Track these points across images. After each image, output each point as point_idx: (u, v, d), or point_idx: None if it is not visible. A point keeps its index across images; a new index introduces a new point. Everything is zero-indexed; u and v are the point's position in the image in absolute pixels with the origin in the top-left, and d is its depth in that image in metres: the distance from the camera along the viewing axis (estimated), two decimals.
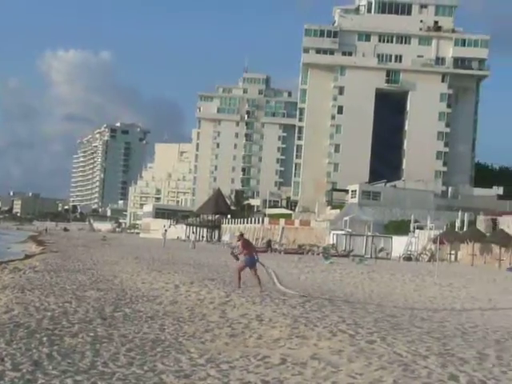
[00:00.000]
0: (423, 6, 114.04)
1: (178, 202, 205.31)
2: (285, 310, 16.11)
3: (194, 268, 32.37)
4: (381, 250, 62.98)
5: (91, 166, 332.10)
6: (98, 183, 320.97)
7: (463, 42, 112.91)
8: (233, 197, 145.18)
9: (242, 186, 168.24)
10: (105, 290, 20.59)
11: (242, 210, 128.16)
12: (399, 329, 14.07)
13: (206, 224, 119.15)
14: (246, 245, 21.90)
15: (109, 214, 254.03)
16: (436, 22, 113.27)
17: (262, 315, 15.32)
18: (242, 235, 22.46)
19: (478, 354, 11.49)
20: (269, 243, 71.81)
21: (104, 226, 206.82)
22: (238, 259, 22.23)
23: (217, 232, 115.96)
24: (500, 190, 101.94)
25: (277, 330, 13.54)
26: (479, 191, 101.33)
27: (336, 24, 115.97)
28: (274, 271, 25.13)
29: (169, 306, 17.25)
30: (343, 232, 72.66)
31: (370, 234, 69.17)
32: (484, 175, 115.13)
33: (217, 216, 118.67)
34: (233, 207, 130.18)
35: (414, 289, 25.84)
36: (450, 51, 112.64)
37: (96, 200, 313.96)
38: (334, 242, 70.45)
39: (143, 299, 18.57)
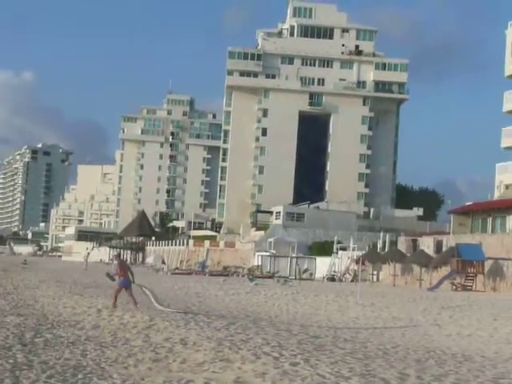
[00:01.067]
0: (345, 31, 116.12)
1: (101, 224, 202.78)
2: (209, 333, 16.06)
3: None
4: (305, 271, 63.40)
5: (11, 188, 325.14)
6: (18, 205, 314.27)
7: (383, 66, 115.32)
8: (157, 219, 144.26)
9: (167, 208, 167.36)
10: (25, 315, 20.14)
11: (166, 232, 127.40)
12: (322, 350, 14.19)
13: (130, 246, 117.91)
14: (122, 266, 21.94)
15: (30, 236, 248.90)
16: (357, 47, 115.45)
17: (187, 339, 15.23)
18: (118, 256, 22.53)
19: (399, 374, 11.66)
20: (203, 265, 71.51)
21: (25, 249, 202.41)
22: (113, 280, 22.29)
23: (141, 254, 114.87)
24: (420, 211, 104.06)
25: (201, 353, 13.48)
26: (400, 212, 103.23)
27: (259, 47, 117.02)
28: (152, 291, 25.03)
29: (91, 331, 16.99)
30: (268, 253, 72.91)
31: (294, 255, 69.59)
32: (404, 196, 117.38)
33: (141, 238, 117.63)
34: (157, 229, 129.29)
35: (337, 309, 26.09)
36: (370, 75, 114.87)
37: (16, 223, 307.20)
38: (259, 263, 70.59)
39: (65, 324, 18.24)
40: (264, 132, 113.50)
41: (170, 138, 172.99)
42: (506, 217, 56.47)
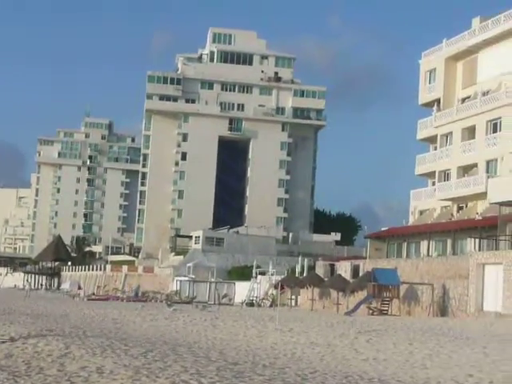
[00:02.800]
0: (264, 57, 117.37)
1: (15, 248, 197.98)
2: (126, 361, 15.80)
3: (32, 318, 31.20)
4: (224, 296, 63.26)
5: None
6: None
7: (302, 93, 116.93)
8: (74, 243, 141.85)
9: (84, 233, 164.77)
10: None
11: (83, 257, 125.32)
12: (241, 377, 14.13)
13: (46, 271, 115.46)
14: None
15: None
16: (276, 73, 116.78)
17: (103, 367, 14.95)
18: None
19: None
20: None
21: None
22: None
23: (56, 280, 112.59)
24: (337, 236, 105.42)
25: (118, 382, 13.24)
26: (318, 237, 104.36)
27: (179, 71, 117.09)
28: None
29: (3, 360, 16.50)
30: (187, 278, 72.53)
31: (213, 280, 69.42)
32: (322, 221, 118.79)
33: (56, 263, 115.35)
34: (73, 254, 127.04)
35: (256, 335, 26.08)
36: (289, 101, 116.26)
37: None
38: (178, 288, 70.14)
39: None
40: (184, 156, 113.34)
41: (88, 161, 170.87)
42: (420, 242, 57.69)
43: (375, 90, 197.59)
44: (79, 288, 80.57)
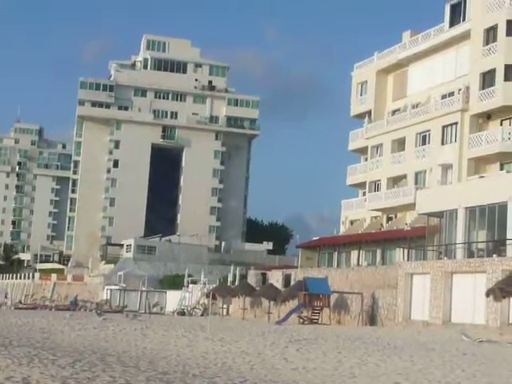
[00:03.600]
0: (198, 66, 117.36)
1: None
2: (53, 371, 15.56)
3: None
4: (155, 305, 62.80)
5: None
6: None
7: (236, 102, 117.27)
8: (1, 251, 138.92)
9: (12, 240, 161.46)
10: None
11: (11, 265, 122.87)
12: None
13: None
14: None
15: None
16: (210, 82, 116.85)
17: (29, 377, 14.69)
18: None
19: None
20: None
21: None
22: None
23: None
24: (270, 245, 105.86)
25: None
26: (250, 246, 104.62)
27: (112, 78, 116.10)
28: None
29: None
30: (117, 287, 71.78)
31: (144, 288, 68.89)
32: (255, 230, 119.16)
33: None
34: (1, 262, 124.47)
35: (186, 344, 25.98)
36: (223, 110, 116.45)
37: None
38: (108, 297, 69.36)
39: None
40: (115, 164, 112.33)
41: (17, 167, 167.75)
42: (350, 252, 58.41)
43: (310, 100, 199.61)
44: (6, 297, 78.93)
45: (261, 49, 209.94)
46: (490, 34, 49.97)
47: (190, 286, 67.19)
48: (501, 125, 49.32)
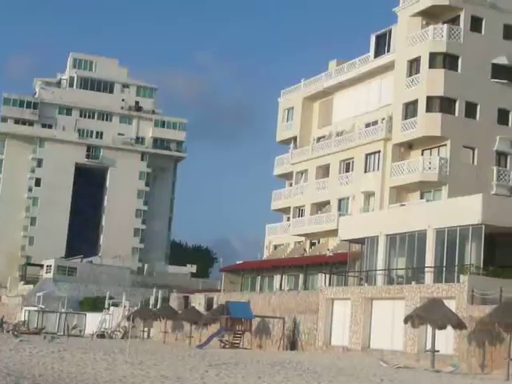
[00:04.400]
0: (125, 86, 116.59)
1: None
2: None
3: None
4: (74, 327, 61.73)
5: None
6: None
7: (162, 124, 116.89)
8: None
9: None
10: None
11: None
12: None
13: None
14: None
15: None
16: (137, 103, 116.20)
17: None
18: None
19: None
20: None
21: None
22: None
23: None
24: (193, 269, 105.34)
25: None
26: (174, 269, 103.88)
27: (37, 95, 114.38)
28: None
29: None
30: (36, 308, 70.28)
31: (63, 310, 67.63)
32: (179, 253, 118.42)
33: None
34: None
35: (105, 368, 25.61)
36: (149, 131, 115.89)
37: None
38: (26, 318, 67.84)
39: None
40: (38, 182, 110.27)
41: None
42: (273, 276, 58.70)
43: (238, 124, 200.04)
44: None
45: (191, 71, 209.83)
46: (414, 66, 51.27)
47: (111, 308, 66.30)
48: (422, 154, 50.48)
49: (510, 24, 50.77)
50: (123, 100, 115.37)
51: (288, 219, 63.40)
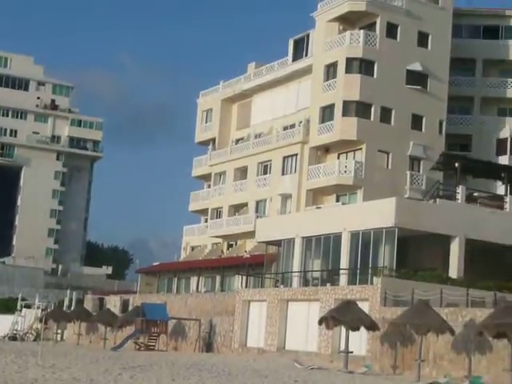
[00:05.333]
0: (41, 84, 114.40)
1: None
2: None
3: None
4: None
5: None
6: None
7: (79, 123, 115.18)
8: None
9: None
10: None
11: None
12: None
13: None
14: None
15: None
16: (53, 101, 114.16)
17: None
18: None
19: None
20: None
21: None
22: None
23: None
24: (109, 270, 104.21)
25: None
26: (89, 270, 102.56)
27: None
28: None
29: None
30: None
31: None
32: (95, 254, 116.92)
33: None
34: None
35: (15, 371, 25.04)
36: (66, 130, 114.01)
37: None
38: None
39: None
40: None
41: None
42: (190, 278, 58.55)
43: (159, 126, 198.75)
44: None
45: (111, 72, 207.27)
46: (331, 70, 51.91)
47: (24, 310, 64.91)
48: (338, 158, 51.16)
49: (425, 31, 51.92)
50: (38, 98, 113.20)
51: (206, 221, 63.33)
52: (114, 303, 57.20)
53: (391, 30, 51.15)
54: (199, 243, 63.54)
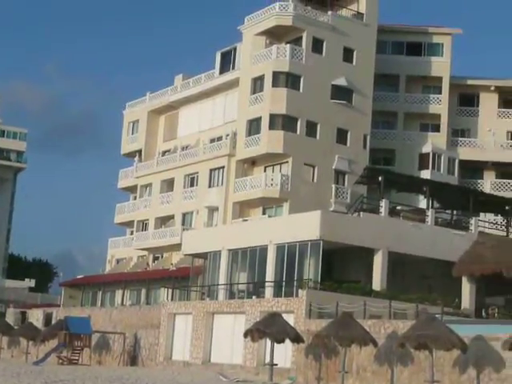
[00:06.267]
0: None
1: None
2: None
3: None
4: None
5: None
6: None
7: (2, 133, 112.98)
8: None
9: None
10: None
11: None
12: None
13: None
14: None
15: None
16: None
17: None
18: None
19: None
20: None
21: None
22: None
23: None
24: (32, 283, 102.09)
25: None
26: (11, 283, 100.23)
27: None
28: None
29: None
30: None
31: None
32: (17, 267, 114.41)
33: None
34: None
35: None
36: None
37: None
38: None
39: None
40: None
41: None
42: (115, 291, 57.89)
43: (86, 137, 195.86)
44: None
45: (37, 82, 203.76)
46: (258, 84, 52.21)
47: None
48: (264, 171, 51.42)
49: (350, 47, 52.75)
50: None
51: (132, 233, 62.76)
52: (36, 317, 56.13)
53: (317, 45, 51.79)
54: (125, 256, 62.89)
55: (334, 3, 54.30)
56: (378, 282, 37.90)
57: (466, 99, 59.19)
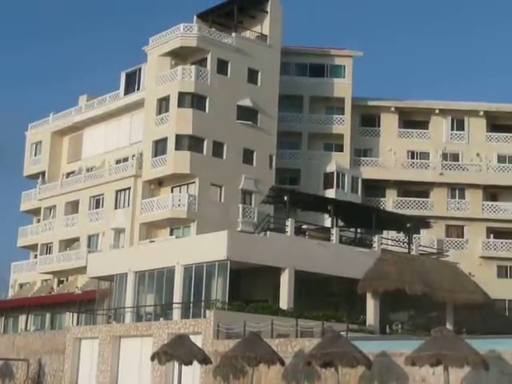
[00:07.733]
0: None
1: None
2: None
3: None
4: None
5: None
6: None
7: None
8: None
9: None
10: None
11: None
12: None
13: None
14: None
15: None
16: None
17: None
18: None
19: None
20: None
21: None
22: None
23: None
24: None
25: None
26: None
27: None
28: None
29: None
30: None
31: None
32: None
33: None
34: None
35: None
36: None
37: None
38: None
39: None
40: None
41: None
42: (18, 316, 56.45)
43: None
44: None
45: None
46: (163, 104, 52.05)
47: None
48: (171, 191, 51.17)
49: (254, 68, 53.24)
50: None
51: (35, 256, 61.34)
52: None
53: (222, 66, 52.09)
54: (28, 280, 61.40)
55: (238, 25, 54.78)
56: (285, 300, 38.19)
57: (367, 119, 60.49)
